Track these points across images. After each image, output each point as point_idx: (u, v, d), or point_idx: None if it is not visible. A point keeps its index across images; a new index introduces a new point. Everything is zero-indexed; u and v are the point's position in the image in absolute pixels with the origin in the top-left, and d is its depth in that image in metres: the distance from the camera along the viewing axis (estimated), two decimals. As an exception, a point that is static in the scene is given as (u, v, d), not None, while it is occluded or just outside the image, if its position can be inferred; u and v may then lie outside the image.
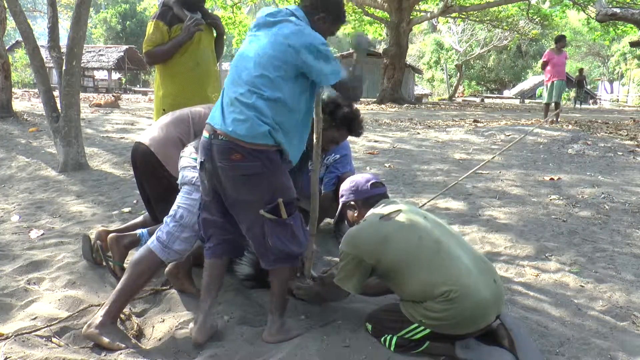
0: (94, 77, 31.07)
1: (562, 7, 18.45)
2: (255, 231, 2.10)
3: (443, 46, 36.36)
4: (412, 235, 2.11)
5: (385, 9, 17.86)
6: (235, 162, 2.01)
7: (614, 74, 41.51)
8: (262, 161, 2.02)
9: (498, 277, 2.17)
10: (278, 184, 2.08)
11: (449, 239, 2.16)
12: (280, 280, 2.19)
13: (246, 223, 2.12)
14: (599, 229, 3.82)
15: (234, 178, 2.04)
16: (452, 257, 2.07)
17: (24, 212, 4.09)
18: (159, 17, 3.40)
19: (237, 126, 2.01)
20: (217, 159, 2.04)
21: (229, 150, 2.01)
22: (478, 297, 2.00)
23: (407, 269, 2.08)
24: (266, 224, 2.07)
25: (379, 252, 2.11)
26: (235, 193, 2.06)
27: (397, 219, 2.17)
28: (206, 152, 2.08)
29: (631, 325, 2.51)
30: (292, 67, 2.04)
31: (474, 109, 17.43)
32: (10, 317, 2.35)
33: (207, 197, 2.17)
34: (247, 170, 2.02)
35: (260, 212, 2.04)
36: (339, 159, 3.26)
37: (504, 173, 5.57)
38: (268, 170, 2.04)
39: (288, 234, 2.11)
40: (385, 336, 2.13)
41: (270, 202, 2.05)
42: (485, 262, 2.19)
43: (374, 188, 2.36)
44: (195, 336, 2.11)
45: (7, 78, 7.94)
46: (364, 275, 2.18)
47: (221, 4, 18.01)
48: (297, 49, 2.02)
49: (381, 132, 8.76)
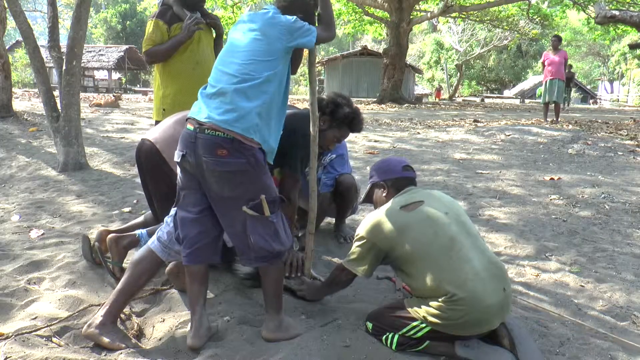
0: (94, 77, 31.09)
1: (562, 7, 18.45)
2: (237, 228, 2.10)
3: (443, 46, 36.38)
4: (428, 230, 2.10)
5: (386, 8, 17.86)
6: (220, 157, 2.01)
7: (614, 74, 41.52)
8: (247, 158, 2.03)
9: (509, 285, 2.12)
10: (261, 182, 2.08)
11: (465, 238, 2.12)
12: (271, 279, 2.19)
13: (228, 219, 2.11)
14: (599, 228, 3.82)
15: (218, 174, 2.03)
16: (463, 258, 2.05)
17: (24, 211, 4.09)
18: (158, 16, 3.39)
19: (226, 115, 2.02)
20: (202, 154, 2.03)
21: (214, 145, 2.01)
22: (483, 303, 1.98)
23: (418, 262, 2.08)
24: (248, 221, 2.07)
25: (393, 241, 2.11)
26: (218, 189, 2.05)
27: (417, 211, 2.16)
28: (189, 146, 2.06)
29: (631, 325, 2.51)
30: (279, 51, 2.16)
31: (474, 109, 17.42)
32: (10, 317, 2.35)
33: (185, 190, 2.15)
34: (232, 166, 2.02)
35: (242, 208, 2.05)
36: (336, 158, 3.26)
37: (504, 173, 5.57)
38: (252, 168, 2.05)
39: (271, 231, 2.11)
40: (387, 335, 2.13)
41: (253, 199, 2.05)
42: (499, 268, 2.13)
43: (405, 171, 2.36)
44: (192, 342, 2.10)
45: (7, 78, 7.94)
46: (376, 260, 2.19)
47: (221, 4, 18.02)
48: (280, 32, 2.15)
49: (381, 131, 8.77)
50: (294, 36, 2.17)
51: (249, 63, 2.11)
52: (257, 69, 2.10)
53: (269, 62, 2.12)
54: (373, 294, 2.70)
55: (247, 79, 2.08)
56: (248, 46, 2.16)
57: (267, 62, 2.12)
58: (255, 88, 2.08)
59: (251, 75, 2.09)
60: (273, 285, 2.20)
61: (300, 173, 2.74)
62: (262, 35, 2.16)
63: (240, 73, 2.10)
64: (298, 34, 2.19)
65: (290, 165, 2.65)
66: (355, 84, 26.04)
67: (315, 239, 2.84)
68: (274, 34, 2.15)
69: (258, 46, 2.14)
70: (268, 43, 2.14)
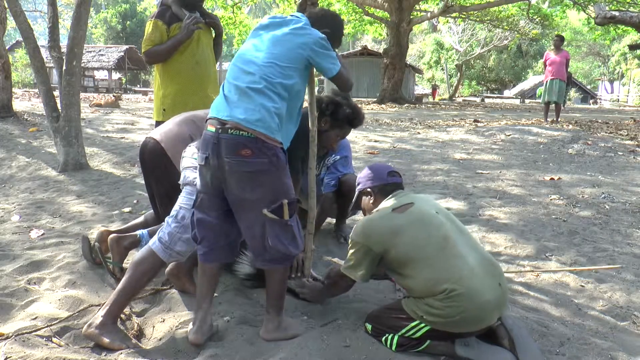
0: (94, 77, 31.09)
1: (562, 7, 18.43)
2: (255, 230, 2.09)
3: (443, 46, 36.35)
4: (421, 230, 2.11)
5: (386, 8, 17.85)
6: (244, 158, 2.00)
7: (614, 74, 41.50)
8: (270, 158, 2.03)
9: (504, 281, 2.14)
10: (282, 183, 2.08)
11: (458, 236, 2.14)
12: (277, 280, 2.19)
13: (247, 221, 2.11)
14: (599, 229, 3.82)
15: (239, 175, 2.02)
16: (457, 255, 2.06)
17: (24, 212, 4.09)
18: (157, 16, 3.40)
19: (249, 114, 2.01)
20: (225, 154, 2.01)
21: (238, 145, 2.00)
22: (480, 298, 1.99)
23: (413, 264, 2.08)
24: (267, 224, 2.06)
25: (387, 244, 2.12)
26: (239, 191, 2.04)
27: (408, 212, 2.17)
28: (212, 147, 2.05)
29: (631, 325, 2.51)
30: (300, 60, 2.15)
31: (474, 109, 17.42)
32: (10, 317, 2.35)
33: (205, 192, 2.14)
34: (255, 166, 2.01)
35: (263, 211, 2.04)
36: (339, 159, 3.26)
37: (504, 173, 5.57)
38: (274, 168, 2.04)
39: (289, 235, 2.11)
40: (387, 335, 2.13)
41: (273, 201, 2.05)
42: (493, 264, 2.16)
43: (390, 177, 2.38)
44: (194, 337, 2.10)
45: (7, 78, 7.94)
46: (372, 264, 2.20)
47: (221, 4, 18.01)
48: (306, 43, 2.15)
49: (381, 131, 8.76)
50: (317, 53, 2.16)
51: (270, 65, 2.10)
52: (277, 73, 2.09)
53: (288, 67, 2.11)
54: (373, 294, 2.70)
55: (268, 80, 2.07)
56: (271, 49, 2.15)
57: (287, 67, 2.11)
58: (273, 90, 2.07)
59: (272, 78, 2.08)
60: (278, 286, 2.19)
61: (300, 173, 2.74)
62: (287, 41, 2.16)
63: (261, 73, 2.08)
64: (323, 55, 2.18)
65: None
66: (355, 84, 25.74)
67: (315, 239, 2.84)
68: (300, 42, 2.15)
69: (280, 50, 2.14)
70: (291, 49, 2.14)
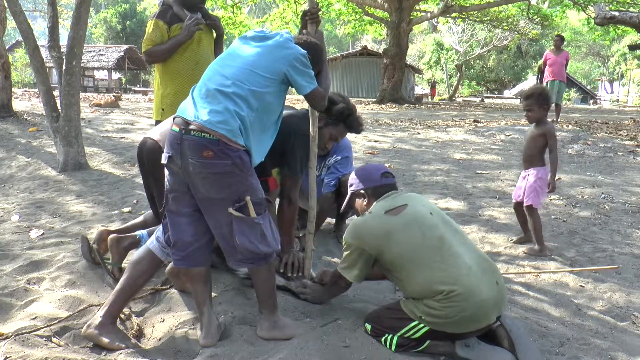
0: (94, 77, 31.07)
1: (562, 7, 18.43)
2: (223, 230, 2.10)
3: (443, 46, 36.34)
4: (415, 232, 2.11)
5: (386, 9, 17.86)
6: (207, 159, 2.01)
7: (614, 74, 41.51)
8: (233, 160, 2.03)
9: (501, 279, 2.15)
10: (247, 183, 2.08)
11: (453, 236, 2.14)
12: (260, 280, 2.20)
13: (214, 221, 2.11)
14: (599, 229, 3.82)
15: (204, 175, 2.03)
16: (453, 255, 2.06)
17: (24, 211, 4.09)
18: (158, 16, 3.39)
19: (213, 116, 2.02)
20: (188, 155, 2.03)
21: (200, 146, 2.01)
22: (478, 297, 1.99)
23: (409, 265, 2.08)
24: (234, 223, 2.07)
25: (381, 246, 2.12)
26: (205, 190, 2.05)
27: (402, 214, 2.17)
28: (175, 147, 2.06)
29: (631, 325, 2.51)
30: (278, 73, 2.16)
31: (474, 109, 17.42)
32: (10, 317, 2.35)
33: (173, 192, 2.14)
34: (218, 168, 2.02)
35: (229, 210, 2.05)
36: (340, 160, 3.26)
37: (504, 173, 5.57)
38: (238, 170, 2.04)
39: (257, 233, 2.10)
40: (386, 336, 2.13)
41: (239, 200, 2.06)
42: (489, 262, 2.18)
43: (383, 178, 2.37)
44: (205, 342, 2.11)
45: (7, 78, 7.94)
46: (367, 265, 2.20)
47: (221, 4, 18.00)
48: (286, 57, 2.17)
49: (381, 132, 8.76)
50: (295, 68, 2.17)
51: (246, 72, 2.12)
52: (252, 81, 2.10)
53: (265, 78, 2.12)
54: (373, 294, 2.70)
55: (239, 86, 2.08)
56: (251, 57, 2.17)
57: (264, 77, 2.12)
58: (244, 97, 2.07)
59: (244, 84, 2.09)
60: (262, 286, 2.20)
61: (299, 173, 2.74)
62: (268, 53, 2.17)
63: (234, 78, 2.10)
64: (300, 72, 2.18)
65: (289, 165, 2.65)
66: (355, 84, 26.04)
67: (315, 239, 2.84)
68: (280, 55, 2.16)
69: (260, 60, 2.15)
70: (271, 61, 2.15)
